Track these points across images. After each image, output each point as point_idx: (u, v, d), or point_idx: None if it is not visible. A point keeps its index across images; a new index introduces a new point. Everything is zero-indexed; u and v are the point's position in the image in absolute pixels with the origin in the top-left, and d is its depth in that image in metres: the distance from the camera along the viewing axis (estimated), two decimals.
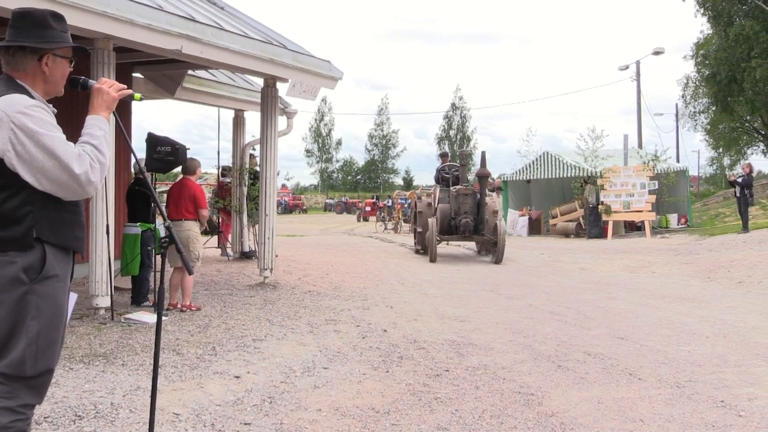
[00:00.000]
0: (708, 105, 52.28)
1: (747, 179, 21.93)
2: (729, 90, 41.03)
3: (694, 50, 48.65)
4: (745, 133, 59.47)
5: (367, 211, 53.05)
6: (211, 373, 6.00)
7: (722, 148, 64.39)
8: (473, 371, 6.26)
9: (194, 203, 9.20)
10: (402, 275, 13.69)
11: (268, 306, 9.49)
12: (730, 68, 39.18)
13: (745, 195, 21.66)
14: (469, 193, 16.90)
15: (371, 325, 8.31)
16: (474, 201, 16.83)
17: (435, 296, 10.98)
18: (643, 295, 11.35)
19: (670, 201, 27.21)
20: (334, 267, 14.52)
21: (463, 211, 16.76)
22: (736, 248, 16.71)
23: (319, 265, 14.79)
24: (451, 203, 17.13)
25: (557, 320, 8.89)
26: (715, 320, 8.92)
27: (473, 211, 16.72)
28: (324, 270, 13.89)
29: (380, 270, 14.49)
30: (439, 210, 17.31)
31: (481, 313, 9.42)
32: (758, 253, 15.16)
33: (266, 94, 11.49)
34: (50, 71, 3.15)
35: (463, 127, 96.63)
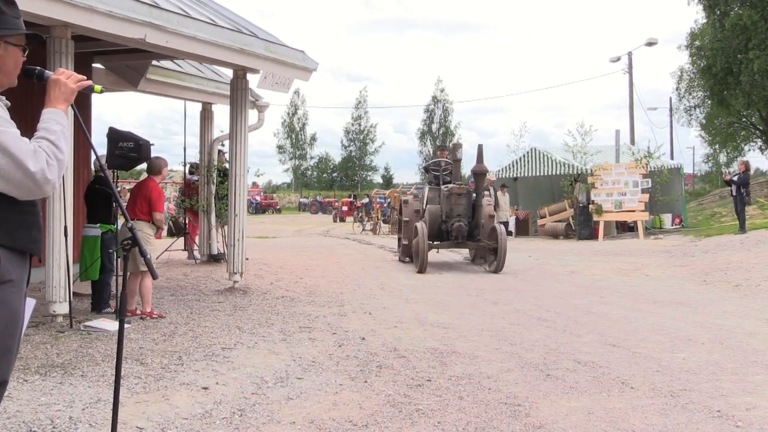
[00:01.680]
0: (703, 99, 52.77)
1: (743, 177, 22.15)
2: (725, 83, 41.42)
3: (689, 40, 49.07)
4: (743, 129, 60.05)
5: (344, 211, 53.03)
6: (178, 384, 5.97)
7: (718, 144, 64.97)
8: (457, 381, 6.28)
9: (149, 204, 9.14)
10: (381, 279, 13.70)
11: (238, 312, 9.46)
12: (727, 60, 39.53)
13: (741, 194, 21.88)
14: (463, 192, 15.75)
15: (348, 333, 8.31)
16: (468, 202, 15.79)
17: (416, 302, 10.99)
18: (635, 299, 11.43)
19: (664, 200, 27.42)
20: (309, 270, 14.50)
21: (455, 214, 15.63)
22: (732, 250, 16.88)
23: (293, 268, 14.76)
24: (442, 204, 15.98)
25: (546, 326, 8.93)
26: (711, 326, 9.00)
27: (467, 214, 15.71)
28: (298, 274, 13.87)
29: (358, 273, 14.48)
30: (428, 212, 16.13)
31: (465, 319, 9.45)
32: (756, 254, 15.32)
33: (236, 86, 11.45)
34: (2, 60, 3.11)
35: (445, 122, 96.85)
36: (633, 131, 41.21)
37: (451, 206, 15.70)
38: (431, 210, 16.11)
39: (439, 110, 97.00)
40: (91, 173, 12.32)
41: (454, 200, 15.70)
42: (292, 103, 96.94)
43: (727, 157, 68.82)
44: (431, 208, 16.17)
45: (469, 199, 15.80)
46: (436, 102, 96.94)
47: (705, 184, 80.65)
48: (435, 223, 15.90)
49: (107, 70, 13.58)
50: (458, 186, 15.86)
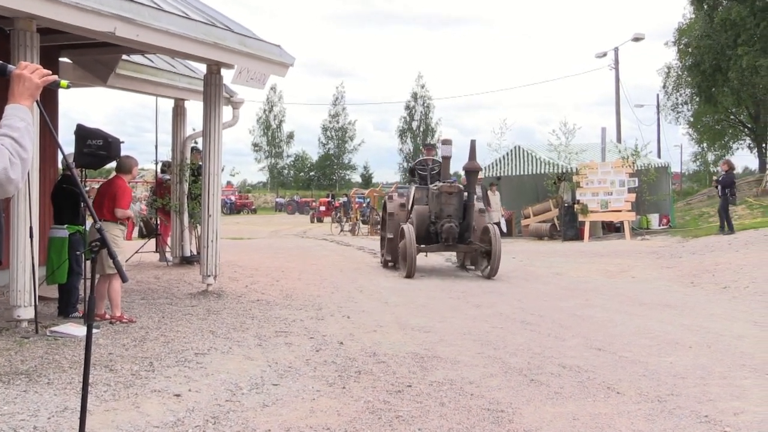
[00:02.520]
0: (691, 96, 53.20)
1: (726, 178, 22.33)
2: (713, 80, 41.80)
3: (676, 36, 49.47)
4: (731, 127, 60.60)
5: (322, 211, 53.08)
6: (149, 391, 5.94)
7: (706, 142, 65.50)
8: (438, 387, 6.29)
9: (114, 203, 9.07)
10: (360, 282, 13.69)
11: (212, 316, 9.42)
12: (715, 56, 39.90)
13: (725, 195, 22.06)
14: (453, 191, 15.04)
15: (326, 337, 8.30)
16: (460, 202, 15.07)
17: (396, 305, 11.00)
18: (621, 301, 11.50)
19: (651, 200, 27.59)
20: (285, 273, 14.47)
21: (446, 214, 14.93)
22: (720, 251, 17.01)
23: (269, 270, 14.73)
24: (431, 204, 15.35)
25: (530, 330, 8.97)
26: (699, 329, 9.07)
27: (458, 215, 15.00)
28: (274, 276, 13.84)
29: (336, 276, 14.47)
30: (415, 213, 15.55)
31: (447, 322, 9.46)
32: (744, 255, 15.46)
33: (210, 81, 11.41)
34: None
35: (426, 119, 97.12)
36: (619, 129, 41.48)
37: (441, 206, 15.03)
38: (419, 211, 15.55)
39: (420, 107, 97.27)
40: (58, 172, 12.23)
41: (444, 200, 15.02)
42: (268, 99, 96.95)
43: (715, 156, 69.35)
44: (419, 208, 15.61)
45: (461, 199, 15.08)
46: (416, 99, 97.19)
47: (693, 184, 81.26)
48: (423, 224, 15.28)
49: (75, 65, 13.49)
50: (449, 184, 15.18)
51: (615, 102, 41.07)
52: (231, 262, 15.36)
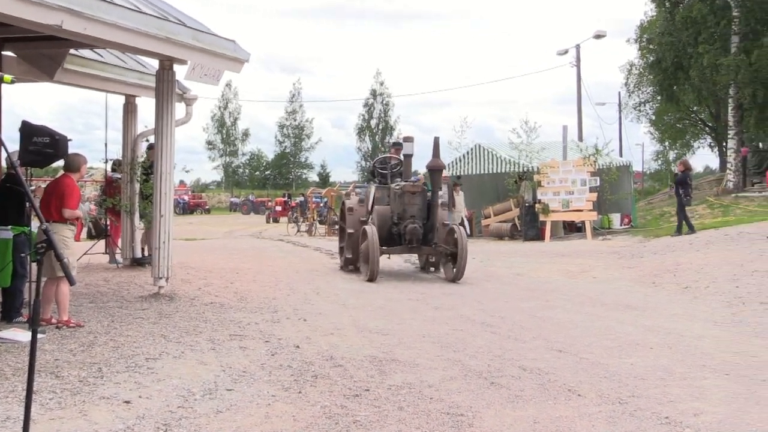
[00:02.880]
0: (653, 94, 53.86)
1: (680, 177, 22.66)
2: (675, 78, 42.34)
3: (638, 33, 50.06)
4: (692, 125, 61.52)
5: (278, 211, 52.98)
6: (97, 398, 5.87)
7: (668, 141, 66.41)
8: (397, 390, 6.30)
9: (62, 202, 8.95)
10: (317, 283, 13.67)
11: (164, 320, 9.35)
12: (676, 54, 40.41)
13: (680, 195, 22.40)
14: (417, 191, 14.87)
15: (282, 341, 8.28)
16: (423, 202, 14.87)
17: (354, 307, 11.00)
18: (583, 302, 11.62)
19: (613, 199, 27.88)
20: (240, 274, 14.40)
21: (409, 215, 14.67)
22: (682, 250, 17.25)
23: (223, 272, 14.64)
24: (393, 205, 15.07)
25: (490, 332, 9.02)
26: (660, 329, 9.20)
27: (422, 215, 14.77)
28: (228, 278, 13.76)
29: (292, 277, 14.44)
30: (376, 213, 15.21)
31: (406, 325, 9.48)
32: (705, 255, 15.69)
33: (162, 77, 11.31)
34: None
35: (385, 116, 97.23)
36: (581, 127, 41.88)
37: (404, 206, 14.77)
38: (380, 211, 15.24)
39: (378, 104, 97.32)
40: (2, 171, 12.03)
41: (407, 200, 14.77)
42: (223, 96, 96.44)
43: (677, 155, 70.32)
44: (380, 209, 15.30)
45: (424, 199, 14.89)
46: (375, 96, 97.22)
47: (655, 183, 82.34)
48: (385, 225, 14.93)
49: (19, 59, 13.28)
50: (412, 184, 15.04)
51: (576, 100, 41.49)
52: (184, 264, 15.24)
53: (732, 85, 37.42)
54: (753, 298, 11.18)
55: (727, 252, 15.56)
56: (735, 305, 10.97)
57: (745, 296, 11.40)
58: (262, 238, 30.38)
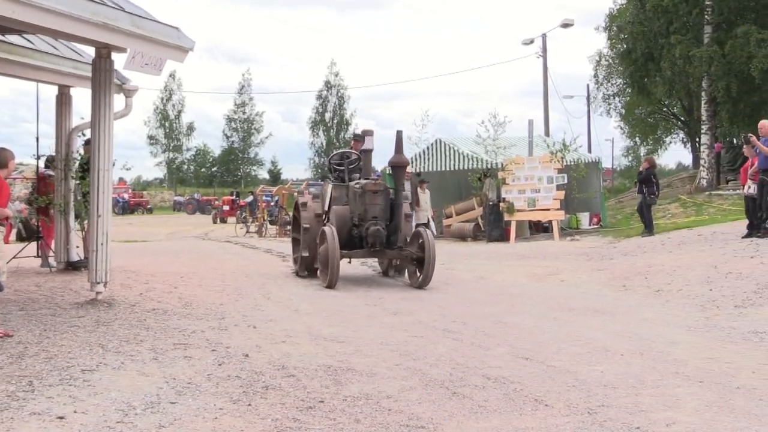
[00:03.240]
0: (623, 86, 54.50)
1: (644, 174, 22.95)
2: (645, 69, 42.90)
3: (607, 22, 50.64)
4: (664, 119, 62.36)
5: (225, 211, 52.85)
6: (27, 414, 5.79)
7: (638, 136, 67.24)
8: (353, 402, 6.29)
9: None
10: (268, 288, 13.62)
11: (102, 328, 9.24)
12: (647, 44, 40.93)
13: (644, 193, 22.70)
14: (379, 189, 14.55)
15: (230, 350, 8.23)
16: (386, 201, 14.54)
17: (308, 313, 10.98)
18: (550, 307, 11.70)
19: (581, 197, 28.13)
20: (185, 279, 14.30)
21: (371, 216, 14.32)
22: (653, 252, 17.47)
23: (166, 276, 14.53)
24: (353, 205, 14.76)
25: (452, 339, 9.05)
26: (631, 335, 9.30)
27: (385, 216, 14.44)
28: (172, 283, 13.66)
29: (241, 281, 14.37)
30: (334, 214, 14.91)
31: (363, 332, 9.48)
32: (677, 256, 15.90)
33: (99, 66, 11.18)
34: None
35: (340, 110, 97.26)
36: (547, 121, 42.30)
37: (365, 206, 14.41)
38: (338, 212, 14.90)
39: (333, 97, 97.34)
40: None
41: (368, 199, 14.40)
42: (166, 87, 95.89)
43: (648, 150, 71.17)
44: (338, 209, 14.95)
45: (387, 198, 14.58)
46: (329, 88, 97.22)
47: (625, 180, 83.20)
48: (344, 227, 14.57)
49: None
50: (373, 182, 14.76)
51: (543, 93, 41.85)
52: (123, 268, 15.10)
53: (705, 77, 38.01)
54: (727, 302, 11.35)
55: (700, 253, 15.78)
56: (709, 309, 11.13)
57: (719, 300, 11.57)
58: (209, 239, 30.21)
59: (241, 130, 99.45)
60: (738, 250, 14.99)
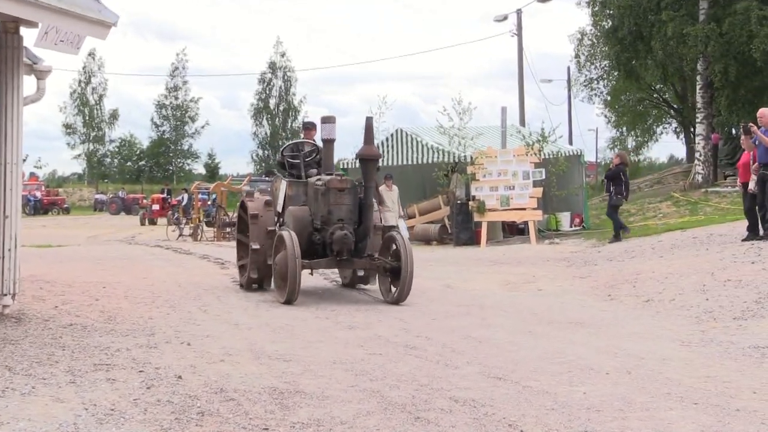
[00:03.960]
0: (608, 69, 54.73)
1: (613, 171, 23.19)
2: (634, 50, 43.13)
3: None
4: (655, 107, 62.81)
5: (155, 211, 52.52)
6: None
7: (626, 125, 67.66)
8: (302, 429, 6.28)
9: None
10: (204, 299, 13.56)
11: (9, 347, 9.14)
12: (636, 22, 41.14)
13: (611, 192, 22.92)
14: (346, 187, 13.84)
15: (160, 370, 8.17)
16: (354, 201, 13.87)
17: (250, 327, 10.94)
18: (526, 319, 11.77)
19: (561, 195, 28.27)
20: (108, 289, 14.19)
21: (336, 218, 13.63)
22: (642, 257, 17.64)
23: (86, 286, 14.41)
24: (314, 205, 14.12)
25: (415, 356, 9.06)
26: (618, 351, 9.37)
27: (353, 218, 13.79)
28: (93, 294, 13.54)
29: (174, 292, 14.29)
30: (290, 216, 14.22)
31: (313, 349, 9.47)
32: (669, 262, 16.06)
33: (5, 43, 11.06)
34: None
35: (287, 95, 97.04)
36: (523, 109, 42.56)
37: (329, 207, 13.70)
38: (295, 214, 14.18)
39: (278, 80, 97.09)
40: None
41: (333, 199, 13.71)
42: (85, 68, 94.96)
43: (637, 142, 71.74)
44: (295, 211, 14.27)
45: (355, 198, 13.90)
46: (275, 70, 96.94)
47: None
48: (303, 232, 13.77)
49: None
50: (339, 178, 14.05)
51: (518, 76, 42.13)
52: (36, 277, 14.95)
53: (700, 59, 38.31)
54: (725, 313, 11.49)
55: (695, 258, 15.95)
56: (705, 321, 11.25)
57: (716, 311, 11.70)
58: (136, 244, 29.99)
59: (174, 118, 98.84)
60: (737, 255, 15.15)
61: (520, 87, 42.28)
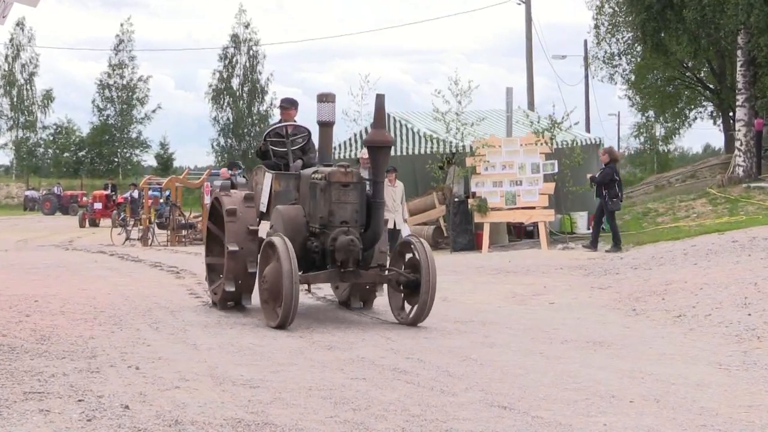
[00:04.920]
0: (632, 42, 54.71)
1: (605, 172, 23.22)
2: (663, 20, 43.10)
3: None
4: (687, 87, 62.78)
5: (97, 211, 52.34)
6: None
7: (653, 109, 67.66)
8: None
9: None
10: (156, 315, 13.54)
11: None
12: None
13: (603, 197, 22.97)
14: (351, 181, 13.01)
15: (103, 400, 8.15)
16: (361, 198, 13.10)
17: (210, 348, 10.92)
18: (535, 338, 11.78)
19: (577, 192, 28.23)
20: (41, 304, 14.16)
21: (339, 220, 12.85)
22: (673, 264, 17.64)
23: (15, 300, 14.38)
24: (310, 203, 13.34)
25: (405, 381, 9.06)
26: (644, 375, 9.38)
27: (360, 220, 13.04)
28: (22, 309, 13.52)
29: (120, 306, 14.26)
30: (279, 217, 13.49)
31: (285, 373, 9.46)
32: (705, 271, 16.06)
33: None
34: None
35: (252, 73, 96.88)
36: (532, 90, 42.60)
37: (330, 206, 12.88)
38: (286, 215, 13.47)
39: (243, 56, 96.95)
40: None
41: (336, 195, 12.90)
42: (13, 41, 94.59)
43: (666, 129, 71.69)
44: (285, 211, 13.55)
45: (362, 194, 13.16)
46: (238, 44, 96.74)
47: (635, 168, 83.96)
48: (296, 237, 13.05)
49: None
50: (343, 170, 13.09)
51: (525, 51, 42.12)
52: None
53: (741, 30, 38.23)
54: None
55: (735, 266, 15.95)
56: (747, 340, 11.26)
57: (760, 327, 11.71)
58: (75, 249, 29.91)
59: (119, 100, 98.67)
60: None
61: (529, 64, 42.35)
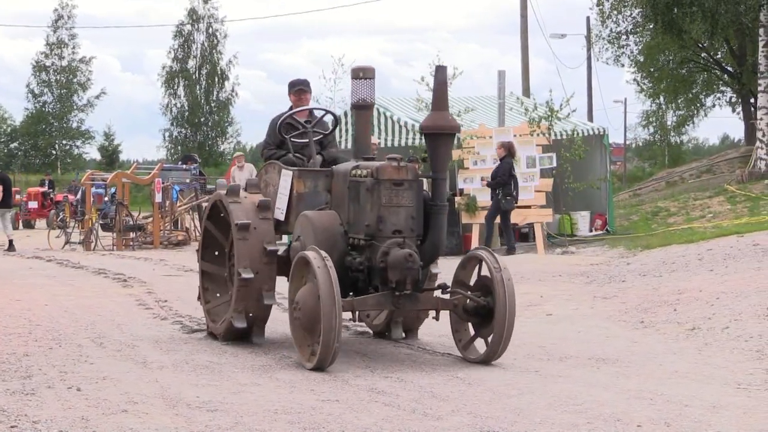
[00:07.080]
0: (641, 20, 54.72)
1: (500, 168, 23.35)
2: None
3: None
4: (702, 70, 62.84)
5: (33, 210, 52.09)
6: None
7: (664, 95, 67.72)
8: None
9: None
10: (100, 328, 13.52)
11: None
12: None
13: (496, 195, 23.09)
14: (405, 179, 11.54)
15: (39, 426, 8.15)
16: (418, 201, 11.67)
17: (163, 366, 10.92)
18: (530, 354, 11.81)
19: (578, 189, 28.27)
20: None
21: (390, 229, 11.36)
22: (687, 270, 17.68)
23: None
24: (348, 208, 11.88)
25: (383, 404, 9.07)
26: (653, 396, 9.41)
27: (416, 227, 11.63)
28: None
29: (59, 319, 14.24)
30: (308, 226, 11.97)
31: (247, 393, 9.47)
32: (722, 277, 16.10)
33: None
34: None
35: (212, 54, 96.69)
36: (527, 73, 42.60)
37: (379, 212, 11.39)
38: (317, 223, 12.02)
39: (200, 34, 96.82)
40: None
41: (386, 197, 11.44)
42: None
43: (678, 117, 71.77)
44: (315, 218, 12.10)
45: (419, 195, 11.75)
46: (195, 20, 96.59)
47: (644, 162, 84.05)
48: (332, 252, 11.37)
49: None
50: (396, 163, 11.61)
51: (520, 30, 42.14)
52: None
53: (764, 7, 38.45)
54: None
55: (756, 272, 16.01)
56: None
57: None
58: (6, 254, 29.84)
59: (58, 84, 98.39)
60: None
61: (524, 44, 42.36)
